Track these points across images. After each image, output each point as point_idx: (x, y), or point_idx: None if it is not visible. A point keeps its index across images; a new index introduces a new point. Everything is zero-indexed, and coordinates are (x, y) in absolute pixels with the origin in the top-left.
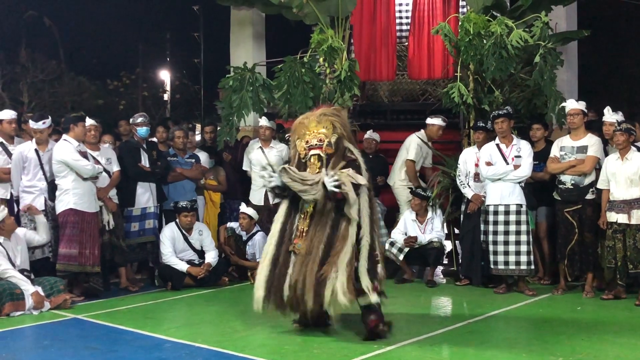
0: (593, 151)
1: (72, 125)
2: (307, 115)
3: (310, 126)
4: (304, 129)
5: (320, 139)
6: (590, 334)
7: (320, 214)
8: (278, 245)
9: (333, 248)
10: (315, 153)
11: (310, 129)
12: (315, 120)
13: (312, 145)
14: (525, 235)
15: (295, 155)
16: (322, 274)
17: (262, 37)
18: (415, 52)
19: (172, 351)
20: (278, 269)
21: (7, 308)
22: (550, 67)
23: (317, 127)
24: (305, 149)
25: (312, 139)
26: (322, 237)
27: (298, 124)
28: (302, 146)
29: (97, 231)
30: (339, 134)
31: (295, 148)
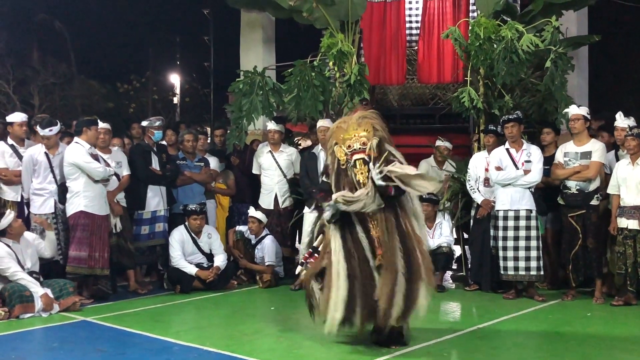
0: (597, 157)
1: (84, 128)
2: (344, 119)
3: (350, 130)
4: (342, 134)
5: (363, 142)
6: (600, 340)
7: (384, 219)
8: (348, 260)
9: (412, 256)
10: (359, 157)
11: (351, 133)
12: (355, 123)
13: (356, 150)
14: (535, 241)
15: (334, 163)
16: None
17: (272, 41)
18: (425, 56)
19: (181, 354)
20: (360, 285)
21: (16, 310)
22: (561, 71)
23: (358, 131)
24: (347, 154)
25: (354, 143)
26: (395, 244)
27: (336, 129)
28: (342, 152)
29: (107, 234)
30: (380, 136)
31: (333, 155)
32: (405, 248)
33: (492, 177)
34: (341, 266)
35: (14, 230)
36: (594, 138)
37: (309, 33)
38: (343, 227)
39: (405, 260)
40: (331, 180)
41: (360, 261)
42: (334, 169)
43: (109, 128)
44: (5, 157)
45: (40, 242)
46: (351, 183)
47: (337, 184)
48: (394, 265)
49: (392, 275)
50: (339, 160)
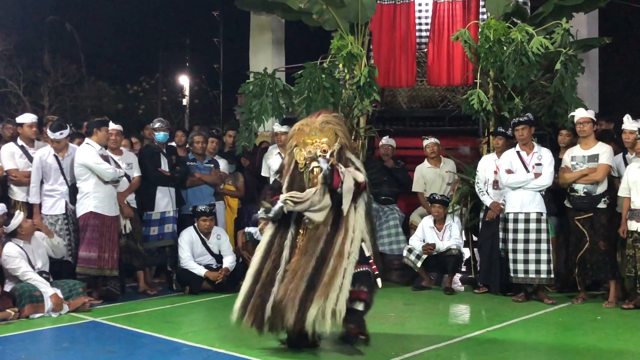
0: (605, 159)
1: (95, 129)
2: (306, 122)
3: (311, 135)
4: (304, 137)
5: (324, 149)
6: (610, 343)
7: (315, 228)
8: (263, 260)
9: (326, 265)
10: (317, 165)
11: (312, 138)
12: (317, 129)
13: (314, 157)
14: (546, 244)
15: (291, 164)
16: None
17: (281, 43)
18: (434, 58)
19: (190, 355)
20: (260, 285)
21: (26, 310)
22: (571, 74)
23: (319, 136)
24: (306, 159)
25: (314, 149)
26: (314, 252)
27: (297, 131)
28: (302, 155)
29: (116, 235)
30: (341, 143)
31: (291, 155)
32: (321, 260)
33: (502, 180)
34: (253, 265)
35: (24, 230)
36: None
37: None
38: (278, 228)
39: (315, 271)
40: (284, 180)
41: (272, 266)
42: (289, 170)
43: (120, 129)
44: (15, 158)
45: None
46: (303, 188)
47: (289, 185)
48: (300, 271)
49: (292, 278)
50: (296, 162)
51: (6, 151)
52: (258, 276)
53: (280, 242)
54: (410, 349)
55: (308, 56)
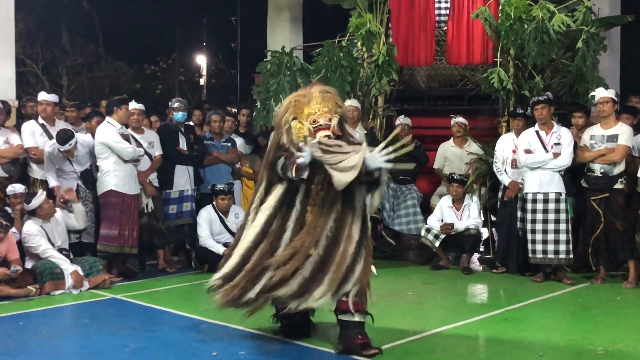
0: (624, 140)
1: (115, 108)
2: (302, 92)
3: (312, 104)
4: (304, 107)
5: (329, 118)
6: (630, 324)
7: (324, 205)
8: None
9: (337, 246)
10: (325, 134)
11: (314, 107)
12: (319, 97)
13: (322, 125)
14: (565, 224)
15: (292, 142)
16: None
17: (299, 21)
18: (454, 36)
19: (209, 332)
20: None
21: (47, 287)
22: (593, 52)
23: (322, 105)
24: (310, 130)
25: (319, 118)
26: (323, 230)
27: (294, 102)
28: (304, 127)
29: (137, 213)
30: (341, 114)
31: (289, 131)
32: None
33: (520, 160)
34: (247, 240)
35: (43, 211)
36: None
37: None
38: (280, 206)
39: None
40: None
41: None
42: (294, 147)
43: (142, 109)
44: (35, 136)
45: (70, 217)
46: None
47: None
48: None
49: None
50: (295, 138)
51: (27, 129)
52: (249, 254)
53: (281, 223)
54: (428, 327)
55: (326, 34)
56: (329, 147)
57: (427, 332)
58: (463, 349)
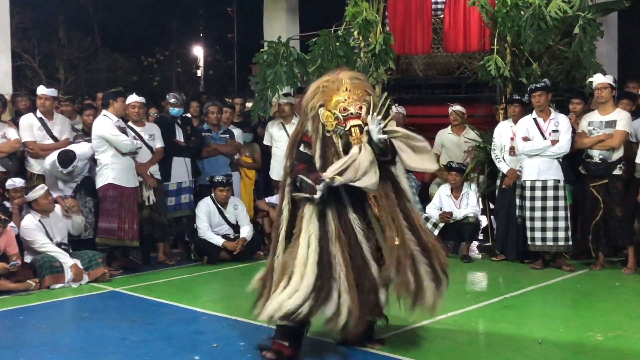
0: (622, 126)
1: (111, 100)
2: (330, 78)
3: (341, 91)
4: (332, 94)
5: (360, 106)
6: (629, 309)
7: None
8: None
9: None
10: (357, 124)
11: (343, 94)
12: (349, 83)
13: (352, 114)
14: (563, 211)
15: (318, 130)
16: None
17: (295, 11)
18: (451, 24)
19: (209, 324)
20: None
21: (47, 281)
22: (590, 38)
23: (351, 93)
24: (339, 118)
25: (349, 106)
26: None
27: (322, 89)
28: (332, 116)
29: (135, 206)
30: (369, 102)
31: (317, 119)
32: (412, 227)
33: (518, 147)
34: (312, 250)
35: (40, 205)
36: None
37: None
38: (325, 207)
39: (417, 240)
40: (314, 150)
41: (351, 245)
42: (318, 136)
43: (143, 102)
44: (33, 130)
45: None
46: (339, 155)
47: (323, 155)
48: (406, 243)
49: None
50: (323, 126)
51: (25, 122)
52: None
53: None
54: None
55: (323, 24)
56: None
57: (426, 321)
58: (463, 337)
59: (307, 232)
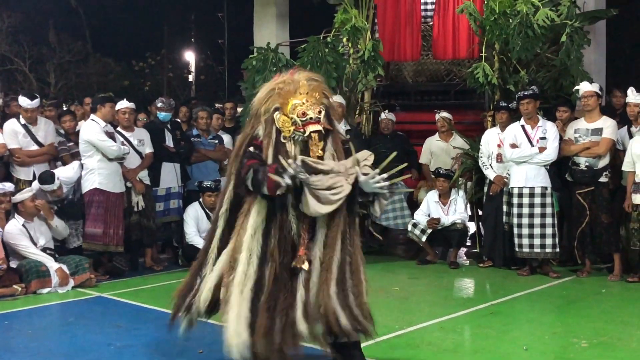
0: (608, 133)
1: (99, 105)
2: (286, 79)
3: (299, 93)
4: (289, 97)
5: (319, 110)
6: (614, 316)
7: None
8: (261, 264)
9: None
10: (315, 129)
11: (300, 97)
12: (306, 86)
13: (311, 119)
14: (551, 218)
15: (271, 134)
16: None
17: (285, 17)
18: (440, 31)
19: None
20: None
21: (33, 285)
22: (577, 46)
23: (309, 96)
24: (299, 124)
25: (308, 110)
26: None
27: (277, 90)
28: (289, 120)
29: (121, 211)
30: (327, 105)
31: (271, 122)
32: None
33: (506, 154)
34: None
35: (25, 208)
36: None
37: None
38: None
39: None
40: (266, 155)
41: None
42: (270, 142)
43: (133, 107)
44: (18, 137)
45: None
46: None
47: (275, 160)
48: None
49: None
50: (278, 130)
51: (8, 128)
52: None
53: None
54: (414, 322)
55: (313, 31)
56: (316, 167)
57: (413, 327)
58: (448, 343)
59: (249, 249)
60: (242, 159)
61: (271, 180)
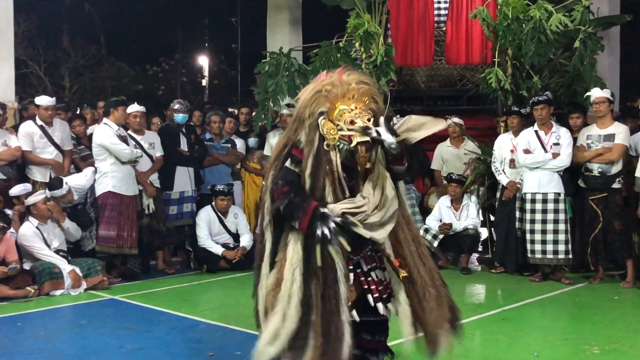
0: (621, 139)
1: (112, 109)
2: (334, 80)
3: (348, 98)
4: (337, 102)
5: (369, 118)
6: (627, 323)
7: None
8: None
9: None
10: (364, 140)
11: (349, 103)
12: (356, 90)
13: (361, 129)
14: (564, 224)
15: (314, 142)
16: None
17: (298, 22)
18: (453, 36)
19: (206, 332)
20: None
21: (46, 287)
22: (591, 52)
23: (358, 102)
24: (346, 133)
25: (357, 118)
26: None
27: (324, 92)
28: (336, 127)
29: (135, 214)
30: (375, 111)
31: (315, 129)
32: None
33: (519, 160)
34: (296, 288)
35: (38, 211)
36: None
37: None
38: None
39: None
40: (305, 166)
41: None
42: (312, 150)
43: (143, 111)
44: (33, 139)
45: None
46: (333, 174)
47: (314, 174)
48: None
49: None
50: (321, 137)
51: (24, 131)
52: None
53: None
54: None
55: (326, 35)
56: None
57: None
58: (459, 349)
59: (292, 263)
60: (278, 180)
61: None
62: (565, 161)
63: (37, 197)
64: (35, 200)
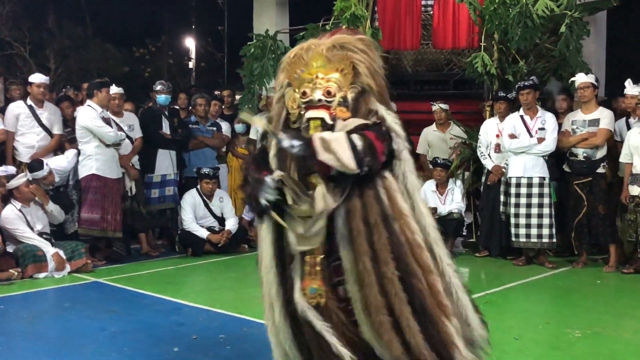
0: (605, 124)
1: (96, 91)
2: (312, 44)
3: (312, 65)
4: (302, 68)
5: (329, 90)
6: (609, 307)
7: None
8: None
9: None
10: (316, 116)
11: (313, 71)
12: (324, 56)
13: (313, 102)
14: (548, 208)
15: (280, 116)
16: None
17: (285, 5)
18: (440, 20)
19: (190, 315)
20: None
21: (29, 270)
22: (576, 37)
23: (325, 69)
24: (300, 106)
25: (313, 90)
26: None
27: (293, 59)
28: (294, 99)
29: (119, 197)
30: (363, 84)
31: (281, 101)
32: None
33: (505, 145)
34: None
35: (20, 194)
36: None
37: None
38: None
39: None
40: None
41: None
42: (278, 126)
43: (122, 92)
44: (19, 119)
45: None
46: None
47: (279, 153)
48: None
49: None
50: (288, 112)
51: (10, 112)
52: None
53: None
54: None
55: (312, 18)
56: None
57: None
58: None
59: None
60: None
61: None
62: (550, 146)
63: (19, 180)
64: (18, 183)
